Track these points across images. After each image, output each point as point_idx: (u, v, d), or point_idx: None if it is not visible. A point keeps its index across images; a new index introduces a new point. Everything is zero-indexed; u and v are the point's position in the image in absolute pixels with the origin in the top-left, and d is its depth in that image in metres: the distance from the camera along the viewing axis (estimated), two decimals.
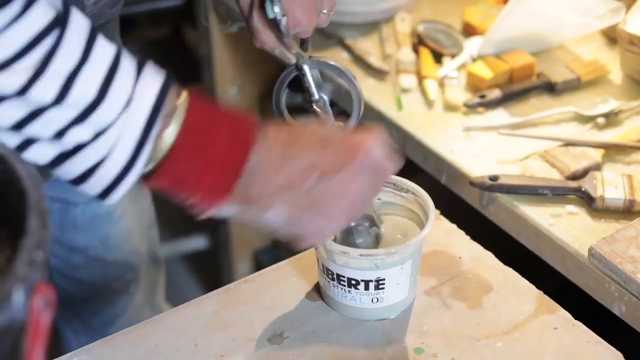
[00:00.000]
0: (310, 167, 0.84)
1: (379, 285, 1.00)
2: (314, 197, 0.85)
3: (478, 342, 1.01)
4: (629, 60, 1.49)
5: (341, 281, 1.01)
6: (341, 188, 0.85)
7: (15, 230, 0.63)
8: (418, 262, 1.03)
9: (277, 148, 0.84)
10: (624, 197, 1.24)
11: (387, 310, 1.03)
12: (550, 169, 1.32)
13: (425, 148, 1.41)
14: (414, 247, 1.00)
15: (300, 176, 0.84)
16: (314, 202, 0.85)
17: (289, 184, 0.84)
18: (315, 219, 0.86)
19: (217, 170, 0.82)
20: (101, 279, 1.44)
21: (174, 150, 0.81)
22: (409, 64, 1.57)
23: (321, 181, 0.85)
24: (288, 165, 0.84)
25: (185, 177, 0.82)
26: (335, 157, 0.85)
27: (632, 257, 1.13)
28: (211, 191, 0.83)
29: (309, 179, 0.84)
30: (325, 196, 0.85)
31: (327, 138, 0.87)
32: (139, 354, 1.00)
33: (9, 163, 0.67)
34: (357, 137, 0.88)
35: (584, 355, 0.99)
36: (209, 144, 0.82)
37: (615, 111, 1.43)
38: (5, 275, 0.57)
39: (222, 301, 1.07)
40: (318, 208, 0.86)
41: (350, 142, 0.87)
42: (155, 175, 0.82)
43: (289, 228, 0.87)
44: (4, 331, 0.56)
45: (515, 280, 1.09)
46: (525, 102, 1.49)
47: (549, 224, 1.24)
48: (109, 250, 1.41)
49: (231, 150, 0.83)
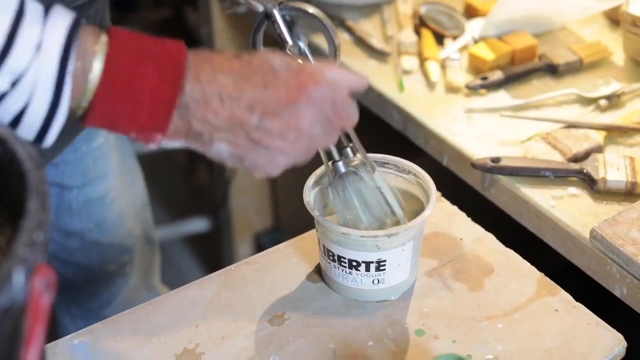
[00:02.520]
0: (252, 106, 0.83)
1: (379, 267, 1.00)
2: (256, 135, 0.84)
3: (479, 324, 1.01)
4: (631, 42, 1.49)
5: (342, 262, 1.01)
6: (285, 126, 0.84)
7: (15, 211, 0.63)
8: (419, 244, 1.03)
9: (215, 87, 0.83)
10: (626, 179, 1.23)
11: (388, 292, 1.03)
12: (552, 151, 1.32)
13: (426, 130, 1.41)
14: (415, 229, 1.00)
15: (241, 115, 0.83)
16: (257, 140, 0.85)
17: (229, 122, 0.83)
18: (260, 155, 0.85)
19: (147, 107, 0.81)
20: (97, 262, 1.45)
21: (101, 91, 0.80)
22: (411, 45, 1.56)
23: (263, 120, 0.84)
24: (228, 105, 0.83)
25: (117, 116, 0.82)
26: (279, 95, 0.84)
27: (633, 239, 1.13)
28: (145, 128, 0.82)
29: (250, 118, 0.83)
30: (269, 135, 0.84)
31: (274, 73, 0.85)
32: (140, 335, 1.00)
33: (9, 145, 0.67)
34: (306, 71, 0.86)
35: (585, 337, 0.99)
36: (135, 81, 0.81)
37: (617, 93, 1.43)
38: (6, 256, 0.57)
39: (223, 283, 1.07)
40: (261, 146, 0.85)
41: (297, 77, 0.85)
42: (89, 116, 0.82)
43: (235, 162, 0.87)
44: (4, 313, 0.56)
45: (517, 262, 1.09)
46: (527, 84, 1.49)
47: (551, 205, 1.24)
48: (104, 233, 1.42)
49: (160, 86, 0.81)
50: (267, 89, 0.84)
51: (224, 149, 0.85)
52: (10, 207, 0.67)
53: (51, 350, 0.98)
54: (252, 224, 2.29)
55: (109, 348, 0.99)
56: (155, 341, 1.00)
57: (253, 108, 0.83)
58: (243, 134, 0.84)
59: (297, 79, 0.85)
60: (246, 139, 0.84)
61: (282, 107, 0.84)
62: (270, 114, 0.84)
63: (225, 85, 0.83)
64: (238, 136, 0.84)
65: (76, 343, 1.00)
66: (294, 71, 0.85)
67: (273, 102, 0.84)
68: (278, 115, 0.84)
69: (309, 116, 0.85)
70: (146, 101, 0.81)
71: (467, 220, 1.16)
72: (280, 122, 0.84)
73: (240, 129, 0.84)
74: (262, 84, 0.84)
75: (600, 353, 0.98)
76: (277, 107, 0.84)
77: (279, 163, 0.87)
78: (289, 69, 0.85)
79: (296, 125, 0.84)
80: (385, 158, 1.07)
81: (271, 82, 0.84)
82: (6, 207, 0.68)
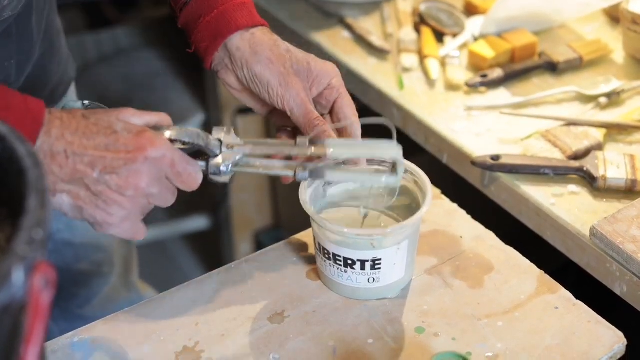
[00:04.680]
0: (93, 162, 0.87)
1: (375, 265, 1.00)
2: (96, 188, 0.88)
3: (479, 322, 1.01)
4: (631, 40, 1.49)
5: (337, 261, 1.01)
6: (124, 182, 0.88)
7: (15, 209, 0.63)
8: (415, 243, 1.03)
9: (62, 143, 0.87)
10: (626, 177, 1.23)
11: (384, 291, 1.03)
12: (552, 149, 1.32)
13: (426, 128, 1.41)
14: (410, 228, 1.00)
15: (83, 170, 0.87)
16: (96, 193, 0.88)
17: (72, 176, 0.87)
18: (98, 208, 0.89)
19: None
20: (72, 262, 1.45)
21: None
22: (411, 43, 1.56)
23: (104, 175, 0.88)
24: (72, 160, 0.87)
25: None
26: (119, 154, 0.88)
27: (633, 237, 1.13)
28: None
29: (91, 172, 0.87)
30: (109, 189, 0.88)
31: (116, 135, 0.89)
32: (139, 333, 1.00)
33: (9, 142, 0.66)
34: (146, 134, 0.90)
35: (585, 335, 0.99)
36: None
37: (617, 91, 1.43)
38: (5, 254, 0.57)
39: (223, 281, 1.07)
40: (100, 199, 0.89)
41: (137, 139, 0.89)
42: None
43: (76, 214, 0.90)
44: (4, 310, 0.56)
45: (517, 259, 1.09)
46: (527, 81, 1.49)
47: (551, 203, 1.24)
48: (75, 233, 1.42)
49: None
50: (108, 148, 0.88)
51: (65, 201, 0.89)
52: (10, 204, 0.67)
53: (51, 348, 0.98)
54: (252, 222, 2.29)
55: (109, 346, 0.99)
56: (155, 339, 1.00)
57: (94, 164, 0.88)
58: (84, 187, 0.88)
59: (136, 140, 0.89)
60: (87, 192, 0.88)
61: (122, 165, 0.88)
62: (110, 170, 0.88)
63: (72, 142, 0.87)
64: (79, 189, 0.88)
65: (76, 341, 0.99)
66: (134, 134, 0.90)
67: (113, 160, 0.88)
68: (117, 173, 0.88)
69: (146, 175, 0.89)
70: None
71: (467, 218, 1.16)
72: (118, 178, 0.88)
73: (82, 182, 0.88)
74: (104, 144, 0.88)
75: (600, 351, 0.98)
76: (117, 165, 0.88)
77: (116, 216, 0.90)
78: (130, 132, 0.90)
79: (134, 183, 0.89)
80: None
81: (112, 143, 0.88)
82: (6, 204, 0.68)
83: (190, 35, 1.09)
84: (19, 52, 1.10)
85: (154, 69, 2.49)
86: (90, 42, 2.49)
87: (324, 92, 1.08)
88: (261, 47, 1.05)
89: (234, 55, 1.06)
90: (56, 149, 0.86)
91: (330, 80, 1.07)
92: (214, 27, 1.07)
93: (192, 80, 2.39)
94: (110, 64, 2.48)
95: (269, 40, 1.06)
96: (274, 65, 1.05)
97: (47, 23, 1.17)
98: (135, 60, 2.52)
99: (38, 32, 1.13)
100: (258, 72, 1.05)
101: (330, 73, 1.07)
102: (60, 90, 1.28)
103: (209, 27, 1.07)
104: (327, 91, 1.08)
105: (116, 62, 2.50)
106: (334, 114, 1.08)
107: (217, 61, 1.08)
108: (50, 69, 1.22)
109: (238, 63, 1.06)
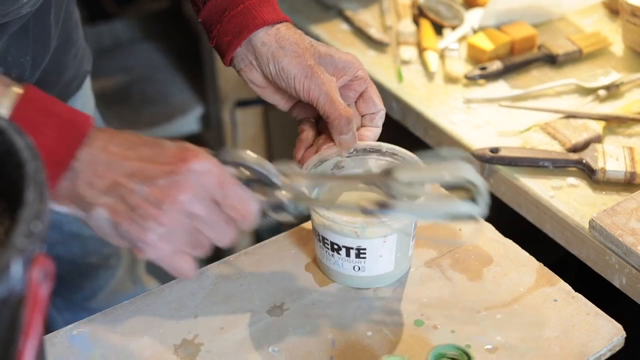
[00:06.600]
0: (133, 173, 0.84)
1: (360, 254, 1.00)
2: (132, 201, 0.84)
3: (478, 314, 1.01)
4: (630, 32, 1.48)
5: (325, 243, 1.01)
6: (161, 193, 0.84)
7: (13, 202, 0.63)
8: (407, 239, 1.02)
9: (105, 154, 0.84)
10: (625, 169, 1.23)
11: (371, 281, 1.03)
12: (551, 141, 1.32)
13: (425, 120, 1.41)
14: (397, 222, 0.99)
15: (122, 181, 0.84)
16: (132, 206, 0.84)
17: (110, 187, 0.84)
18: (134, 223, 0.84)
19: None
20: (79, 254, 1.44)
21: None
22: (410, 35, 1.56)
23: (141, 185, 0.84)
24: (113, 170, 0.84)
25: None
26: (161, 165, 0.85)
27: (632, 230, 1.13)
28: None
29: (128, 183, 0.84)
30: (145, 201, 0.84)
31: (161, 146, 0.86)
32: (138, 326, 1.00)
33: (7, 135, 0.66)
34: (193, 148, 0.87)
35: (584, 327, 0.99)
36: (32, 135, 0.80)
37: (616, 83, 1.42)
38: (4, 247, 0.57)
39: (222, 273, 1.07)
40: (136, 213, 0.84)
41: (182, 151, 0.86)
42: None
43: (112, 231, 0.86)
44: (2, 303, 0.56)
45: (516, 252, 1.09)
46: (526, 74, 1.49)
47: (550, 196, 1.24)
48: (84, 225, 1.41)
49: (57, 146, 0.82)
50: (150, 160, 0.85)
51: (102, 215, 0.85)
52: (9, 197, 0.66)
53: (50, 341, 0.98)
54: None
55: (108, 339, 0.99)
56: (154, 332, 1.00)
57: (134, 175, 0.84)
58: (121, 199, 0.84)
59: (180, 152, 0.85)
60: (123, 205, 0.84)
61: (162, 176, 0.84)
62: (148, 182, 0.84)
63: (114, 153, 0.84)
64: (117, 202, 0.84)
65: (75, 334, 0.99)
66: (179, 146, 0.86)
67: (153, 170, 0.84)
68: (155, 184, 0.84)
69: (186, 189, 0.84)
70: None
71: None
72: (156, 189, 0.84)
73: (119, 194, 0.84)
74: (147, 155, 0.85)
75: (599, 343, 0.98)
76: (157, 175, 0.84)
77: (152, 233, 0.84)
78: (175, 145, 0.86)
79: (172, 195, 0.83)
80: (394, 149, 1.07)
81: (155, 154, 0.85)
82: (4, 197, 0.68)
83: (212, 29, 1.09)
84: (36, 47, 1.09)
85: (153, 62, 2.49)
86: (89, 36, 2.48)
87: (352, 84, 1.09)
88: (287, 42, 1.06)
89: (259, 51, 1.06)
90: (98, 159, 0.84)
91: (356, 72, 1.09)
92: (240, 21, 1.07)
93: (191, 74, 2.39)
94: (109, 57, 2.48)
95: (293, 35, 1.07)
96: (300, 58, 1.05)
97: (65, 15, 1.17)
98: (134, 53, 2.52)
99: (55, 25, 1.12)
100: (285, 65, 1.05)
101: (355, 64, 1.09)
102: (75, 84, 1.27)
103: (234, 21, 1.07)
104: (355, 82, 1.09)
105: (115, 56, 2.50)
106: (363, 103, 1.10)
107: (239, 58, 1.09)
108: (66, 62, 1.21)
109: (263, 58, 1.06)
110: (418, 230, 1.05)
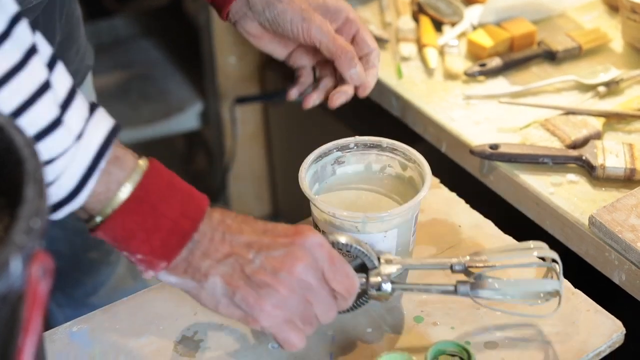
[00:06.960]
0: (250, 244, 0.87)
1: None
2: (250, 269, 0.85)
3: (478, 310, 1.01)
4: (630, 29, 1.48)
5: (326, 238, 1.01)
6: (278, 264, 0.85)
7: (13, 199, 0.63)
8: (408, 234, 1.02)
9: (222, 227, 0.87)
10: (625, 165, 1.23)
11: None
12: (550, 138, 1.32)
13: (425, 117, 1.41)
14: (399, 217, 0.99)
15: (239, 250, 0.86)
16: (250, 274, 0.85)
17: (227, 256, 0.86)
18: (251, 290, 0.85)
19: (163, 234, 0.84)
20: (81, 250, 1.45)
21: (126, 206, 0.83)
22: (409, 32, 1.56)
23: (259, 255, 0.86)
24: (229, 242, 0.86)
25: (132, 235, 0.84)
26: (276, 238, 0.87)
27: (632, 226, 1.13)
28: (153, 254, 0.85)
29: (246, 253, 0.86)
30: (262, 270, 0.85)
31: (268, 226, 0.89)
32: (138, 322, 1.00)
33: (7, 132, 0.66)
34: (302, 226, 0.89)
35: (584, 324, 0.99)
36: (160, 207, 0.84)
37: (616, 80, 1.42)
38: (3, 243, 0.57)
39: None
40: (254, 281, 0.85)
41: (295, 228, 0.89)
42: (104, 226, 0.84)
43: (228, 299, 0.86)
44: (2, 299, 0.56)
45: None
46: (525, 70, 1.49)
47: (550, 192, 1.24)
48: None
49: (181, 219, 0.85)
50: (265, 233, 0.88)
51: (218, 283, 0.86)
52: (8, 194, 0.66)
53: (49, 337, 0.98)
54: (250, 211, 2.28)
55: (108, 336, 0.99)
56: (154, 329, 1.00)
57: (250, 246, 0.86)
58: (238, 268, 0.86)
59: (294, 228, 0.89)
60: (240, 273, 0.86)
61: (278, 247, 0.86)
62: (265, 252, 0.86)
63: (230, 225, 0.87)
64: (233, 270, 0.86)
65: (74, 330, 1.00)
66: (291, 225, 0.90)
67: (269, 242, 0.87)
68: (272, 254, 0.86)
69: (302, 260, 0.86)
70: (164, 227, 0.84)
71: (466, 206, 1.16)
72: (273, 260, 0.86)
73: (236, 263, 0.86)
74: (263, 229, 0.88)
75: (599, 339, 0.98)
76: (273, 246, 0.87)
77: (268, 301, 0.85)
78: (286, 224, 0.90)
79: (289, 265, 0.85)
80: (394, 144, 1.07)
81: (270, 229, 0.88)
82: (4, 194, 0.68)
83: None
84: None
85: (152, 59, 2.49)
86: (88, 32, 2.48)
87: (343, 27, 1.13)
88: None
89: (253, 0, 1.10)
90: (216, 231, 0.86)
91: (346, 15, 1.12)
92: None
93: (190, 70, 2.39)
94: (108, 54, 2.48)
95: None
96: (295, 2, 1.09)
97: (68, 12, 1.17)
98: (134, 50, 2.52)
99: (60, 20, 1.13)
100: (280, 10, 1.09)
101: (346, 8, 1.12)
102: (77, 79, 1.27)
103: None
104: (347, 25, 1.13)
105: (115, 52, 2.50)
106: (356, 46, 1.13)
107: (234, 11, 1.13)
108: (68, 57, 1.21)
109: (258, 7, 1.10)
110: (418, 226, 1.05)
